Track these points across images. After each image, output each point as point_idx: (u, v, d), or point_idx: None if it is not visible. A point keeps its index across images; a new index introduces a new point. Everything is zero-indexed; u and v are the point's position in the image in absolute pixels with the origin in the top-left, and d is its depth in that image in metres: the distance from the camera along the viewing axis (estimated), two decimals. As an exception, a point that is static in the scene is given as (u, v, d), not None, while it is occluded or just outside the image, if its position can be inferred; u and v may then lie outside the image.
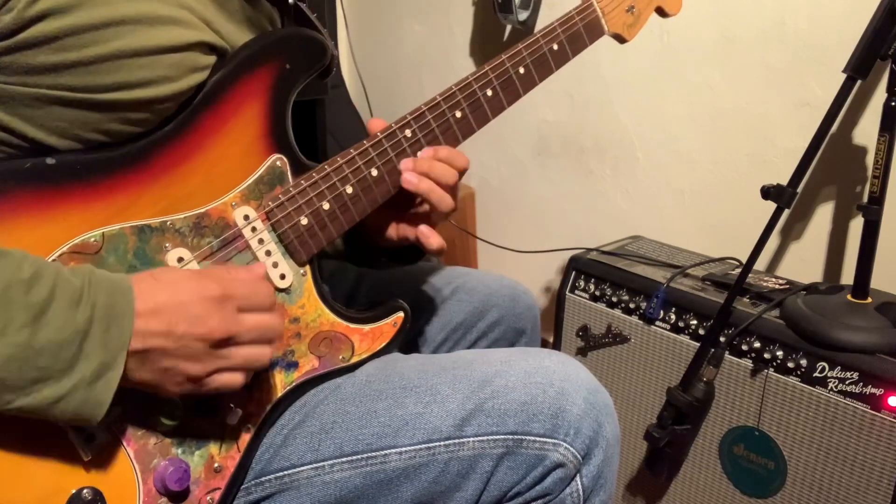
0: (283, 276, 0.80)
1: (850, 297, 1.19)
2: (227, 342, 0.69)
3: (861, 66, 1.14)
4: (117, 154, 0.72)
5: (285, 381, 0.81)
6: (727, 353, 1.25)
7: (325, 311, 0.83)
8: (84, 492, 0.67)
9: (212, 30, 0.75)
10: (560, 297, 1.51)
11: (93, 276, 0.65)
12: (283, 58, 0.80)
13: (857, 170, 1.35)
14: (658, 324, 1.35)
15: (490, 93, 0.89)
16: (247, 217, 0.78)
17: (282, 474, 0.80)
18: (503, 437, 0.80)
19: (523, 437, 0.80)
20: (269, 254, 0.79)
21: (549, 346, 1.59)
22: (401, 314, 0.88)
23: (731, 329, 1.23)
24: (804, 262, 1.45)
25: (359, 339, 0.85)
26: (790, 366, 1.18)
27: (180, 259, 0.74)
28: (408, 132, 0.85)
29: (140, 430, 0.71)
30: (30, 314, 0.60)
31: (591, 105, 1.73)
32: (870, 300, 1.18)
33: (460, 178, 0.87)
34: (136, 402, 0.70)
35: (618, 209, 1.74)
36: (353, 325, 0.85)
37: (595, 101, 1.72)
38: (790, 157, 1.41)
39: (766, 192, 1.21)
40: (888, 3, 1.10)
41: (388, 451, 0.79)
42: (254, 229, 0.79)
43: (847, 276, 1.39)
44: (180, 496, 0.73)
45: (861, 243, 1.17)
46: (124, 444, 0.70)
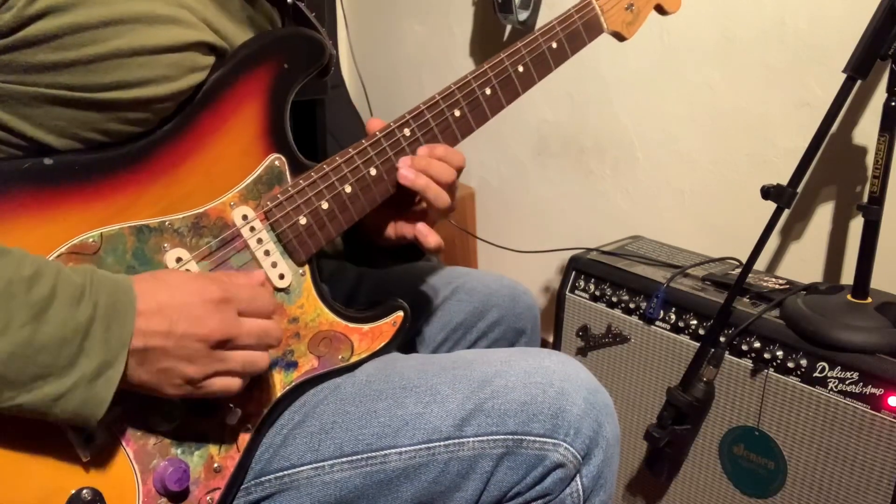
0: (281, 276, 0.80)
1: (850, 297, 1.19)
2: (226, 344, 0.69)
3: (861, 66, 1.13)
4: (116, 154, 0.72)
5: (284, 380, 0.81)
6: (727, 353, 1.25)
7: (325, 310, 0.83)
8: (83, 492, 0.67)
9: (212, 30, 0.75)
10: (560, 297, 1.51)
11: (94, 275, 0.65)
12: (281, 57, 0.79)
13: (857, 170, 1.34)
14: (658, 324, 1.35)
15: (489, 91, 0.89)
16: (245, 217, 0.78)
17: (281, 474, 0.80)
18: (503, 437, 0.80)
19: (523, 438, 0.80)
20: (267, 253, 0.79)
21: (549, 346, 1.59)
22: (400, 313, 0.88)
23: (731, 329, 1.23)
24: (804, 262, 1.45)
25: (358, 339, 0.85)
26: (790, 366, 1.18)
27: (179, 259, 0.74)
28: (406, 131, 0.85)
29: (139, 430, 0.71)
30: (31, 312, 0.60)
31: (591, 105, 1.73)
32: (870, 300, 1.18)
33: (458, 176, 0.87)
34: (136, 403, 0.70)
35: (618, 209, 1.74)
36: (352, 325, 0.85)
37: (595, 101, 1.72)
38: (790, 157, 1.41)
39: (766, 192, 1.21)
40: (888, 3, 1.10)
41: (387, 452, 0.79)
42: (252, 229, 0.79)
43: (847, 276, 1.39)
44: (180, 496, 0.73)
45: (861, 243, 1.17)
46: (124, 444, 0.70)
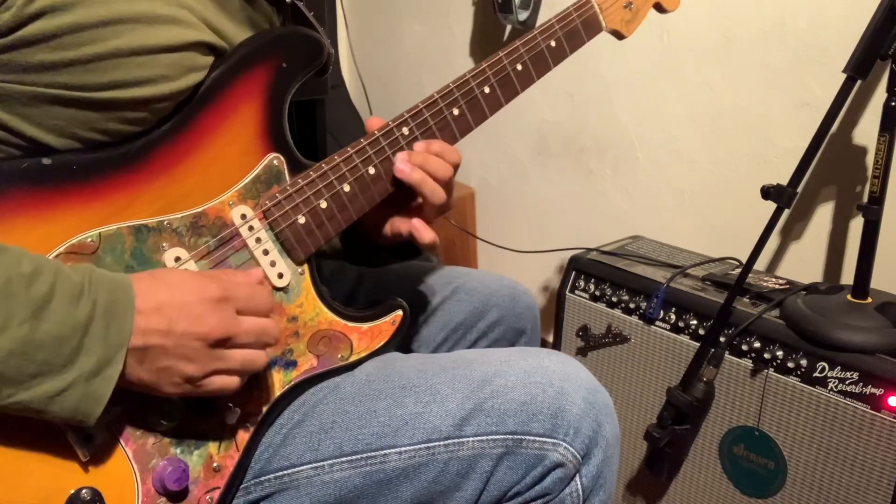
0: (280, 275, 0.80)
1: (850, 297, 1.19)
2: (225, 343, 0.69)
3: (861, 66, 1.13)
4: (114, 153, 0.72)
5: (284, 380, 0.81)
6: (727, 353, 1.25)
7: (324, 309, 0.83)
8: (83, 492, 0.67)
9: (211, 29, 0.75)
10: (560, 297, 1.51)
11: (93, 273, 0.65)
12: (279, 56, 0.79)
13: (857, 170, 1.34)
14: (658, 324, 1.35)
15: (488, 90, 0.89)
16: (244, 216, 0.78)
17: (281, 474, 0.80)
18: (503, 436, 0.80)
19: (523, 437, 0.80)
20: (266, 253, 0.79)
21: (549, 346, 1.59)
22: (399, 312, 0.87)
23: (731, 329, 1.23)
24: (804, 262, 1.44)
25: (357, 338, 0.85)
26: (790, 366, 1.17)
27: (177, 258, 0.74)
28: (405, 130, 0.85)
29: (138, 429, 0.71)
30: (30, 309, 0.60)
31: (591, 105, 1.73)
32: (870, 300, 1.18)
33: (454, 173, 0.87)
34: (135, 402, 0.70)
35: (618, 209, 1.74)
36: (351, 324, 0.85)
37: (595, 101, 1.72)
38: (790, 157, 1.41)
39: (766, 192, 1.21)
40: (888, 3, 1.10)
41: (387, 451, 0.79)
42: (251, 228, 0.78)
43: (847, 276, 1.39)
44: (179, 496, 0.73)
45: (861, 243, 1.17)
46: (123, 443, 0.70)
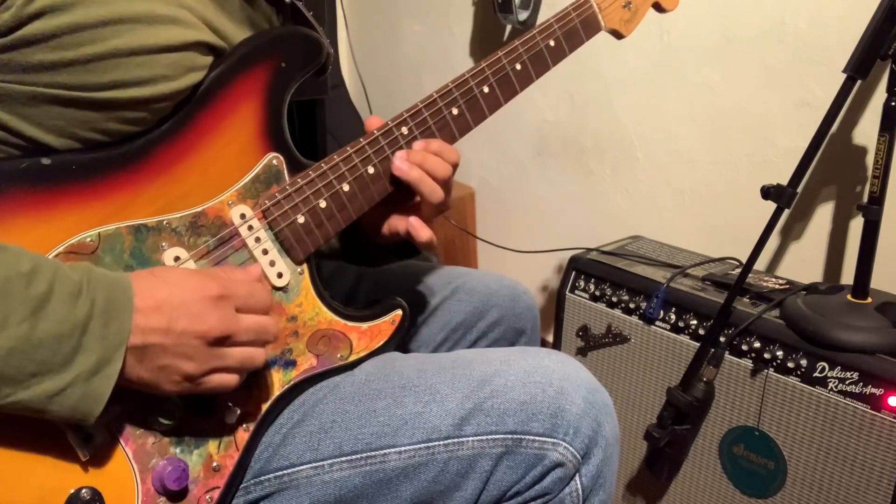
0: (280, 275, 0.80)
1: (850, 297, 1.19)
2: (224, 341, 0.69)
3: (861, 66, 1.13)
4: (114, 153, 0.72)
5: (283, 379, 0.81)
6: (727, 353, 1.25)
7: (323, 309, 0.83)
8: (83, 491, 0.67)
9: (211, 29, 0.75)
10: (560, 297, 1.51)
11: (92, 272, 0.65)
12: (278, 56, 0.79)
13: (857, 170, 1.34)
14: (658, 324, 1.35)
15: (487, 90, 0.89)
16: (243, 216, 0.78)
17: (281, 473, 0.80)
18: (502, 436, 0.80)
19: (522, 437, 0.80)
20: (265, 252, 0.79)
21: (549, 346, 1.59)
22: (399, 312, 0.87)
23: (731, 329, 1.23)
24: (804, 262, 1.44)
25: (357, 338, 0.85)
26: (790, 366, 1.17)
27: (177, 258, 0.74)
28: (404, 129, 0.85)
29: (138, 429, 0.71)
30: (29, 307, 0.60)
31: (591, 105, 1.73)
32: (870, 300, 1.18)
33: (453, 172, 0.87)
34: (135, 402, 0.70)
35: (618, 209, 1.74)
36: (351, 324, 0.85)
37: (595, 101, 1.72)
38: (790, 157, 1.41)
39: (766, 192, 1.21)
40: (888, 3, 1.10)
41: (387, 451, 0.79)
42: (250, 228, 0.78)
43: (847, 276, 1.39)
44: (179, 495, 0.73)
45: (861, 243, 1.17)
46: (122, 443, 0.70)
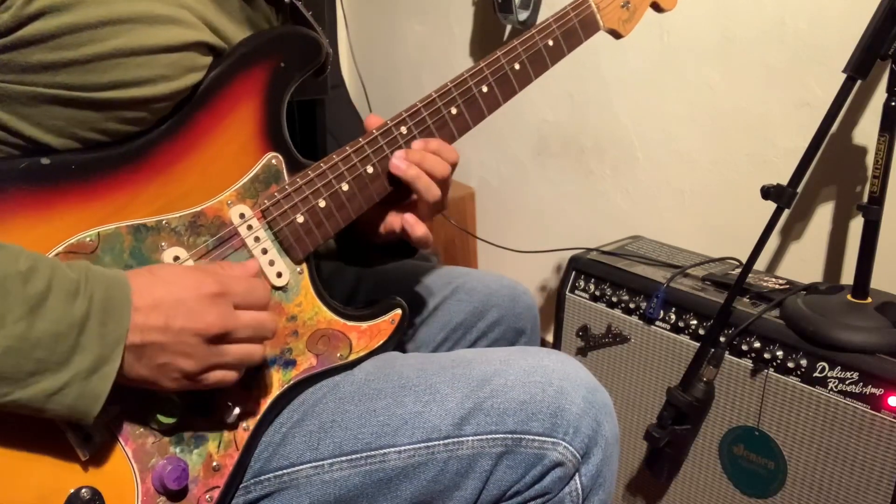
0: (279, 275, 0.80)
1: (850, 297, 1.19)
2: (222, 338, 0.69)
3: (861, 66, 1.13)
4: (113, 153, 0.72)
5: (283, 379, 0.81)
6: (727, 353, 1.25)
7: (323, 308, 0.83)
8: (82, 491, 0.67)
9: (210, 29, 0.75)
10: (560, 297, 1.51)
11: (89, 270, 0.65)
12: (277, 56, 0.79)
13: (857, 170, 1.34)
14: (658, 324, 1.35)
15: (486, 89, 0.89)
16: (242, 215, 0.78)
17: (281, 473, 0.80)
18: (502, 436, 0.80)
19: (522, 436, 0.80)
20: (265, 252, 0.79)
21: (549, 346, 1.59)
22: (398, 311, 0.87)
23: (731, 329, 1.23)
24: (804, 262, 1.44)
25: (356, 337, 0.85)
26: (790, 366, 1.17)
27: (176, 258, 0.74)
28: (403, 129, 0.85)
29: (138, 428, 0.71)
30: (27, 306, 0.60)
31: (591, 105, 1.73)
32: (870, 300, 1.18)
33: (451, 171, 0.87)
34: (134, 401, 0.70)
35: (618, 209, 1.74)
36: (350, 323, 0.85)
37: (595, 101, 1.72)
38: (790, 157, 1.41)
39: (766, 192, 1.21)
40: (888, 3, 1.10)
41: (387, 450, 0.79)
42: (249, 227, 0.79)
43: (847, 276, 1.39)
44: (179, 495, 0.73)
45: (861, 243, 1.17)
46: (122, 443, 0.70)
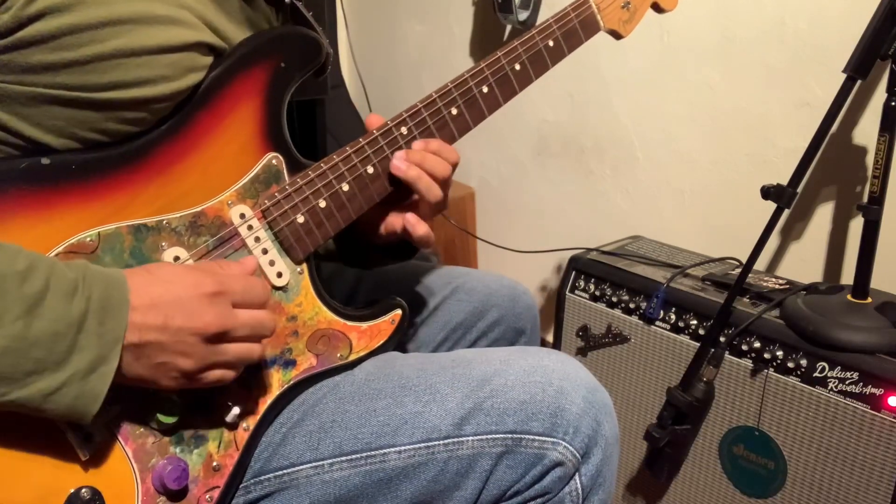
0: (279, 275, 0.80)
1: (850, 297, 1.19)
2: (221, 337, 0.69)
3: (861, 66, 1.13)
4: (113, 153, 0.72)
5: (283, 379, 0.81)
6: (727, 353, 1.25)
7: (323, 308, 0.83)
8: (82, 491, 0.67)
9: (211, 30, 0.75)
10: (560, 297, 1.51)
11: (87, 270, 0.65)
12: (278, 56, 0.79)
13: (857, 170, 1.34)
14: (658, 324, 1.35)
15: (486, 90, 0.89)
16: (243, 215, 0.78)
17: (281, 473, 0.80)
18: (502, 435, 0.80)
19: (522, 436, 0.80)
20: (265, 252, 0.79)
21: (549, 346, 1.59)
22: (398, 311, 0.88)
23: (731, 329, 1.23)
24: (804, 262, 1.44)
25: (357, 337, 0.85)
26: (790, 366, 1.17)
27: (176, 258, 0.74)
28: (403, 129, 0.85)
29: (138, 428, 0.71)
30: (24, 306, 0.60)
31: (591, 105, 1.73)
32: (870, 300, 1.18)
33: (452, 171, 0.87)
34: (134, 401, 0.70)
35: (618, 209, 1.74)
36: (350, 323, 0.85)
37: (595, 101, 1.72)
38: (790, 157, 1.41)
39: (766, 192, 1.21)
40: (888, 3, 1.10)
41: (387, 451, 0.79)
42: (250, 227, 0.79)
43: (847, 276, 1.39)
44: (179, 495, 0.73)
45: (861, 243, 1.17)
46: (122, 442, 0.70)
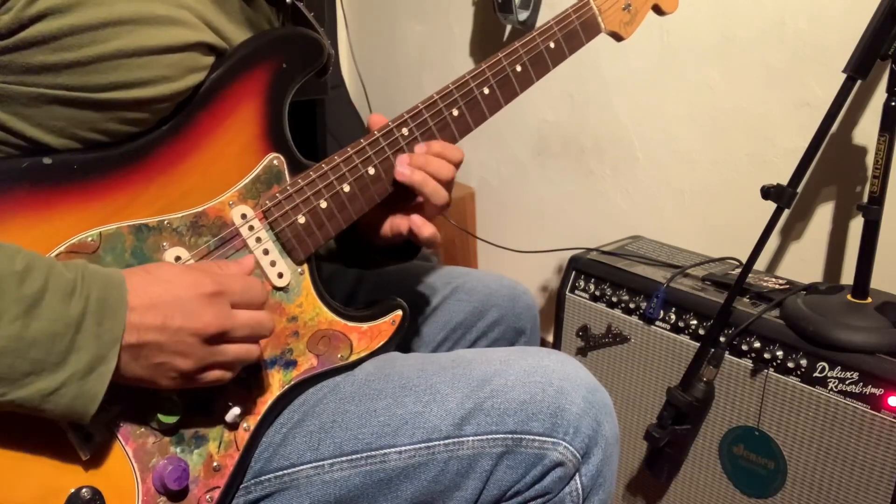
0: (280, 275, 0.80)
1: (850, 297, 1.19)
2: (220, 338, 0.69)
3: (861, 66, 1.13)
4: (115, 153, 0.72)
5: (283, 379, 0.81)
6: (727, 353, 1.25)
7: (324, 309, 0.83)
8: (83, 491, 0.67)
9: (211, 30, 0.75)
10: (560, 297, 1.51)
11: (86, 270, 0.65)
12: (279, 57, 0.80)
13: (857, 170, 1.34)
14: (658, 324, 1.35)
15: (487, 91, 0.89)
16: (244, 216, 0.78)
17: (281, 473, 0.80)
18: (502, 436, 0.80)
19: (522, 436, 0.80)
20: (266, 252, 0.79)
21: (549, 346, 1.59)
22: (399, 312, 0.88)
23: (731, 329, 1.23)
24: (804, 262, 1.44)
25: (357, 338, 0.85)
26: (790, 366, 1.17)
27: (178, 258, 0.74)
28: (404, 131, 0.85)
29: (139, 428, 0.71)
30: (22, 306, 0.60)
31: (591, 105, 1.73)
32: (870, 300, 1.18)
33: (456, 171, 0.87)
34: (135, 401, 0.70)
35: (618, 209, 1.74)
36: (351, 324, 0.85)
37: (595, 101, 1.72)
38: (790, 157, 1.41)
39: (766, 192, 1.21)
40: (888, 3, 1.10)
41: (387, 451, 0.79)
42: (251, 228, 0.79)
43: (847, 276, 1.39)
44: (179, 495, 0.73)
45: (861, 243, 1.17)
46: (123, 442, 0.70)
